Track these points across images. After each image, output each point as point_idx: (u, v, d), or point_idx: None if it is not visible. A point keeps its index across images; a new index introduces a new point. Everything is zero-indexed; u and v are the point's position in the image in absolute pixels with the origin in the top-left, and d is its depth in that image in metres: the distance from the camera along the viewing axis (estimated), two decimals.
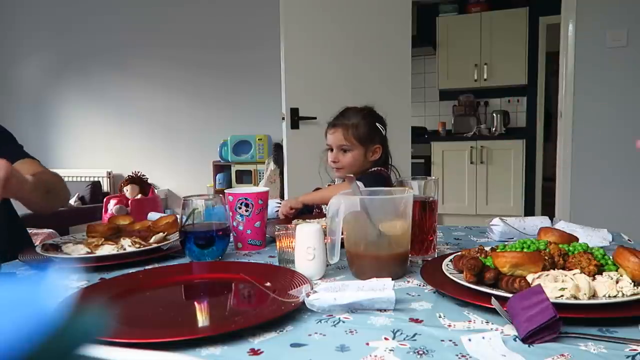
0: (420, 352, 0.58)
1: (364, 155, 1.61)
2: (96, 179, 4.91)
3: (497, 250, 0.82)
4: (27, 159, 1.33)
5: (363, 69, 2.88)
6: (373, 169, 1.61)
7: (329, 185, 1.72)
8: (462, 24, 4.96)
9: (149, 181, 4.54)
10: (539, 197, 5.01)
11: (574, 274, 0.70)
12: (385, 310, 0.71)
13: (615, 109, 3.09)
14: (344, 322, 0.68)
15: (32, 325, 0.25)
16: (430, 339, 0.62)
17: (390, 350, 0.59)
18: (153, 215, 1.39)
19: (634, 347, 0.57)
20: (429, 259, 0.98)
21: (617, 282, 0.69)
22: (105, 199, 4.35)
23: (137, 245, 1.07)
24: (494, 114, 4.98)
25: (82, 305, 0.70)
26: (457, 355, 0.57)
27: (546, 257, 0.76)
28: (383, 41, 2.91)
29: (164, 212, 2.99)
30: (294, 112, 2.78)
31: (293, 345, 0.61)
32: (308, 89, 2.81)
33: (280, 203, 1.61)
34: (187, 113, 4.82)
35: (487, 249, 0.87)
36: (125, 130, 5.01)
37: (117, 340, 0.57)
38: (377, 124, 1.64)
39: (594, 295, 0.67)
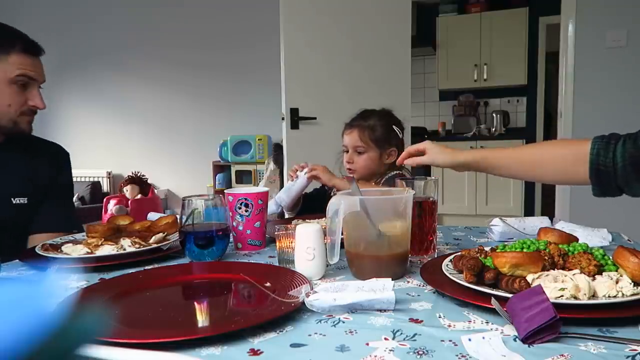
0: (420, 352, 0.58)
1: (379, 157, 1.60)
2: (96, 179, 4.91)
3: (497, 251, 0.82)
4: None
5: (363, 69, 2.88)
6: (394, 172, 1.59)
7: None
8: (462, 24, 4.96)
9: (148, 181, 4.54)
10: (539, 197, 5.01)
11: (573, 274, 0.70)
12: (385, 310, 0.71)
13: (615, 109, 3.08)
14: (343, 322, 0.68)
15: (32, 325, 0.25)
16: (430, 339, 0.61)
17: (390, 350, 0.59)
18: (153, 215, 1.39)
19: (634, 347, 0.57)
20: (429, 259, 0.98)
21: (617, 282, 0.69)
22: (105, 199, 4.36)
23: (137, 246, 1.06)
24: (494, 114, 4.98)
25: (81, 305, 0.70)
26: (457, 356, 0.57)
27: (546, 257, 0.76)
28: (383, 41, 2.91)
29: (164, 212, 2.99)
30: (294, 112, 2.78)
31: (293, 345, 0.61)
32: (308, 89, 2.81)
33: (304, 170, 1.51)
34: (187, 113, 4.82)
35: (487, 249, 0.87)
36: (125, 130, 5.01)
37: (117, 340, 0.57)
38: (394, 127, 1.63)
39: (593, 296, 0.67)
